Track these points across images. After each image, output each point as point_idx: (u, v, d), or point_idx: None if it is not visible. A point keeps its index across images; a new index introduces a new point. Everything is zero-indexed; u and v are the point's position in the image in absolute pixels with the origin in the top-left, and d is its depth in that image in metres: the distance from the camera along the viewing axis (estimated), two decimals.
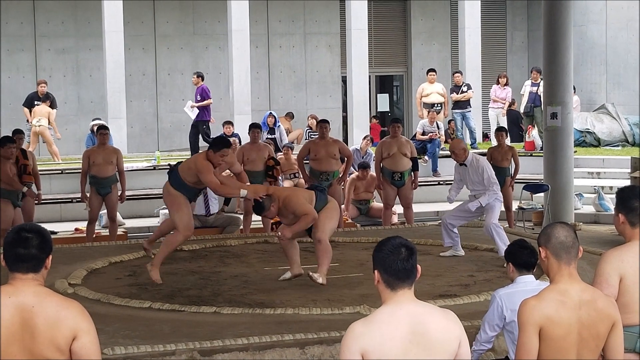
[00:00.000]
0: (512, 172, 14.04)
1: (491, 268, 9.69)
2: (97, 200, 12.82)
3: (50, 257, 3.91)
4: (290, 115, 21.33)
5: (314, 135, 17.50)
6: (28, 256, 3.83)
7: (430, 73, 19.54)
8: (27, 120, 17.68)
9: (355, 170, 15.57)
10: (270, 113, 18.44)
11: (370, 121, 21.69)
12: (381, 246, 3.87)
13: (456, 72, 19.85)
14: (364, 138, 17.26)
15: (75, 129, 20.54)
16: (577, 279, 4.31)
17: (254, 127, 13.71)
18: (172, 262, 10.21)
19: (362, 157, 16.42)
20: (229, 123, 17.78)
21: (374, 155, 16.85)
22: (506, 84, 20.01)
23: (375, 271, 3.85)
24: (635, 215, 4.96)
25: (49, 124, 17.58)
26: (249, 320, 7.39)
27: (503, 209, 11.36)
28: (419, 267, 3.87)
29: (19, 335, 3.77)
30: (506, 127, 19.45)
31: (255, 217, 13.45)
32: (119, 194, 13.03)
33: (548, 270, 4.36)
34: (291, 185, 16.51)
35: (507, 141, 14.46)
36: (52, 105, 17.92)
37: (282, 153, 16.29)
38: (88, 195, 12.77)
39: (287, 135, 19.18)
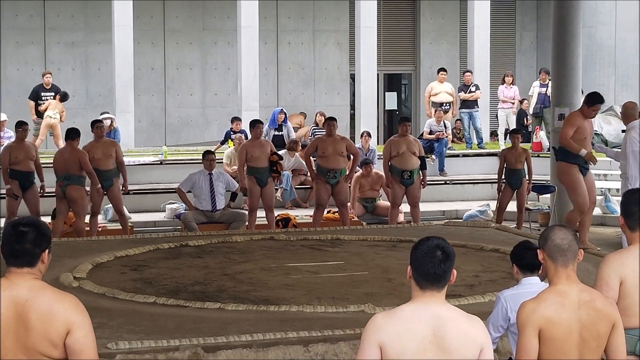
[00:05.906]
0: (527, 174, 14.00)
1: (496, 269, 9.68)
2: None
3: (48, 251, 3.89)
4: (303, 115, 21.27)
5: (318, 132, 17.48)
6: (22, 251, 3.82)
7: (440, 72, 19.50)
8: (38, 114, 17.67)
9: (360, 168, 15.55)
10: (282, 110, 18.36)
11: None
12: (418, 245, 3.88)
13: (467, 72, 19.81)
14: (362, 136, 17.21)
15: (84, 123, 20.48)
16: (575, 281, 4.34)
17: (257, 124, 13.65)
18: (177, 257, 10.22)
19: (366, 155, 16.39)
20: (237, 119, 17.75)
21: (377, 151, 16.86)
22: (512, 83, 19.95)
23: (409, 267, 3.86)
24: (634, 219, 5.06)
25: (60, 119, 17.65)
26: (253, 317, 7.38)
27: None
28: (454, 271, 3.85)
29: (13, 329, 3.76)
30: (515, 127, 19.51)
31: (260, 214, 13.44)
32: (121, 187, 13.05)
33: (547, 271, 4.40)
34: (299, 182, 16.55)
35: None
36: (63, 99, 17.91)
37: (299, 152, 16.45)
38: (88, 189, 12.83)
39: (296, 132, 19.14)
